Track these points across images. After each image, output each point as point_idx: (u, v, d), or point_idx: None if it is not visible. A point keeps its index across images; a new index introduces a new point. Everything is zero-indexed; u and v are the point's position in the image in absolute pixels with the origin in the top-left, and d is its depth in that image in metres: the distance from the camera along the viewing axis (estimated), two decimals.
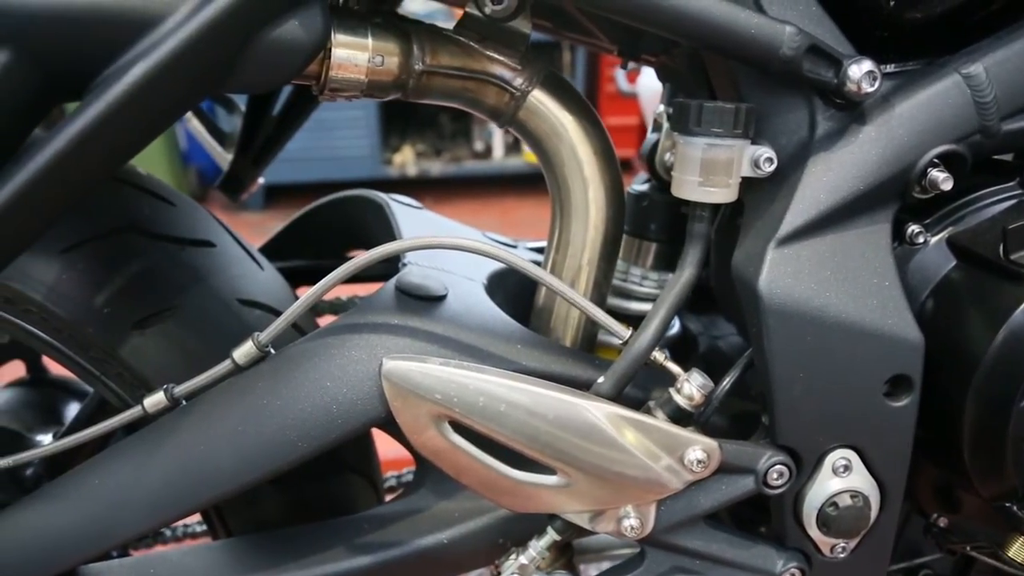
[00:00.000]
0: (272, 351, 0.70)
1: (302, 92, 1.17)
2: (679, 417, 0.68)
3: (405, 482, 1.39)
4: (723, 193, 0.68)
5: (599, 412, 0.65)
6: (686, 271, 0.70)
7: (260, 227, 0.92)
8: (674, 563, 0.73)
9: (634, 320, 0.95)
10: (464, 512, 0.75)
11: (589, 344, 0.82)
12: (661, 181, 0.91)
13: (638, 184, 0.96)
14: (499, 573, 0.74)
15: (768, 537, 0.76)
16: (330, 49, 0.66)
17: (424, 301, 0.72)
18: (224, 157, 1.24)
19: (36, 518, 0.73)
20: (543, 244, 1.03)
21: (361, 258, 0.67)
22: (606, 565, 1.02)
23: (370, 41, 0.67)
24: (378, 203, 0.98)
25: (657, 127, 0.94)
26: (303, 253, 1.12)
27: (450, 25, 0.72)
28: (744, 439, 0.72)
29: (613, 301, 0.96)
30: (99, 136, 0.53)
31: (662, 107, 0.93)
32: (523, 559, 0.72)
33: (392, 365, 0.64)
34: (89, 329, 0.76)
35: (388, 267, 0.80)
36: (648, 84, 3.20)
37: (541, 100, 0.74)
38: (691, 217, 0.71)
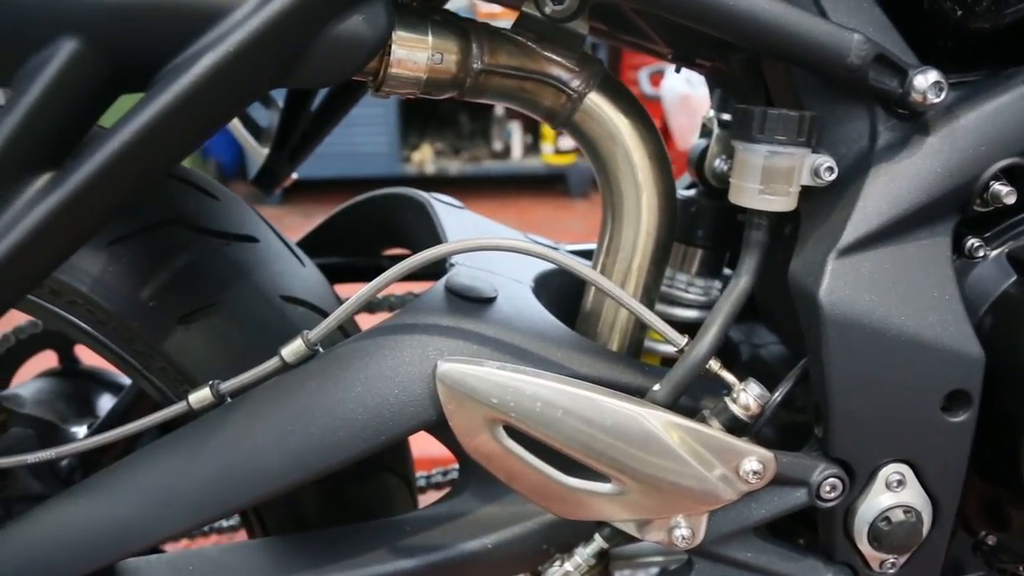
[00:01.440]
0: (320, 350, 0.70)
1: (342, 88, 1.16)
2: (734, 427, 0.67)
3: (435, 483, 1.39)
4: (783, 201, 0.67)
5: (656, 420, 0.64)
6: (742, 279, 0.69)
7: (277, 221, 0.92)
8: (721, 574, 0.72)
9: (678, 327, 0.95)
10: (508, 517, 0.74)
11: (636, 349, 0.81)
12: (709, 187, 0.90)
13: (684, 189, 0.96)
14: None
15: (814, 550, 0.75)
16: (390, 45, 0.65)
17: (474, 303, 0.71)
18: (259, 152, 1.24)
19: (79, 512, 0.73)
20: (582, 247, 1.03)
21: (415, 258, 0.66)
22: (640, 572, 1.01)
23: (430, 39, 0.67)
24: (420, 202, 0.97)
25: (706, 132, 0.93)
26: (339, 250, 1.11)
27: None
28: (789, 450, 0.71)
29: (658, 307, 0.95)
30: (164, 128, 0.52)
31: (712, 112, 0.92)
32: (568, 566, 0.72)
33: (447, 368, 0.64)
34: (134, 322, 0.75)
35: (432, 267, 0.79)
36: (672, 87, 3.18)
37: (597, 103, 0.73)
38: (749, 225, 0.70)
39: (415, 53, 0.66)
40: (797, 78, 0.68)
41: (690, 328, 0.93)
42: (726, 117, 0.90)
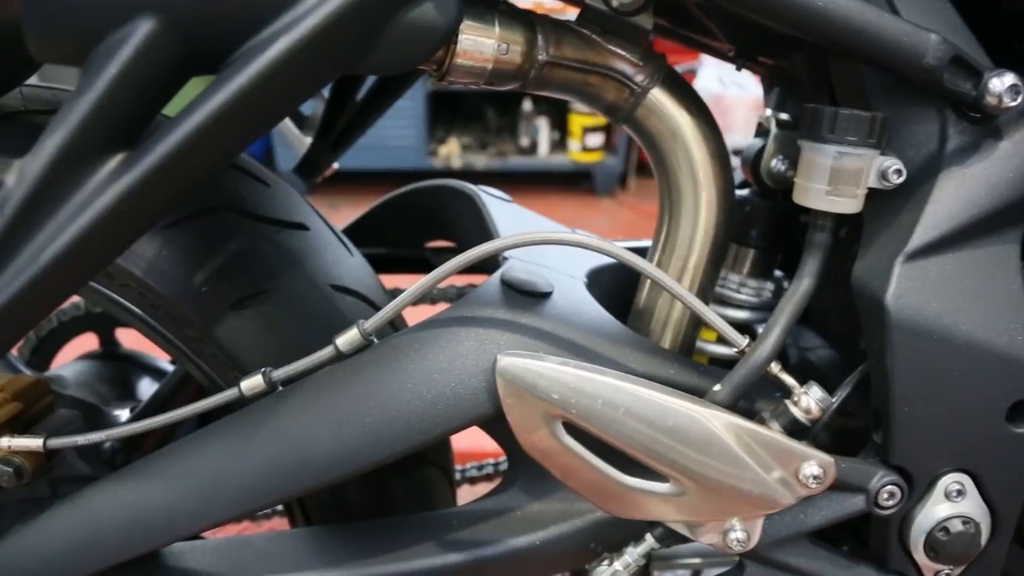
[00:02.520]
0: (375, 340, 0.69)
1: (390, 78, 1.16)
2: (793, 430, 0.66)
3: (470, 476, 1.39)
4: (849, 203, 0.66)
5: (718, 422, 0.63)
6: (805, 281, 0.68)
7: None
8: None
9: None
10: (557, 514, 0.74)
11: (688, 348, 0.80)
12: (764, 187, 0.89)
13: (736, 189, 0.94)
14: None
15: (866, 558, 0.74)
16: (457, 34, 0.64)
17: (531, 297, 0.71)
18: (302, 141, 1.24)
19: (128, 495, 0.73)
20: (633, 243, 1.02)
21: (477, 250, 0.65)
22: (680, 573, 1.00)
23: (497, 29, 0.66)
24: (468, 194, 0.97)
25: (762, 132, 0.91)
26: (383, 240, 1.11)
27: None
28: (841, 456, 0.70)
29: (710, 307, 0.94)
30: (236, 112, 0.52)
31: (769, 111, 0.91)
32: (618, 565, 0.71)
33: (508, 362, 0.63)
34: (186, 308, 0.75)
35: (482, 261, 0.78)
36: (704, 87, 3.16)
37: (660, 99, 0.72)
38: (813, 226, 0.69)
39: (482, 43, 0.66)
40: (866, 78, 0.67)
41: (740, 329, 0.93)
42: (784, 117, 0.89)
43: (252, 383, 0.69)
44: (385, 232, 1.11)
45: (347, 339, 0.67)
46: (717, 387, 0.66)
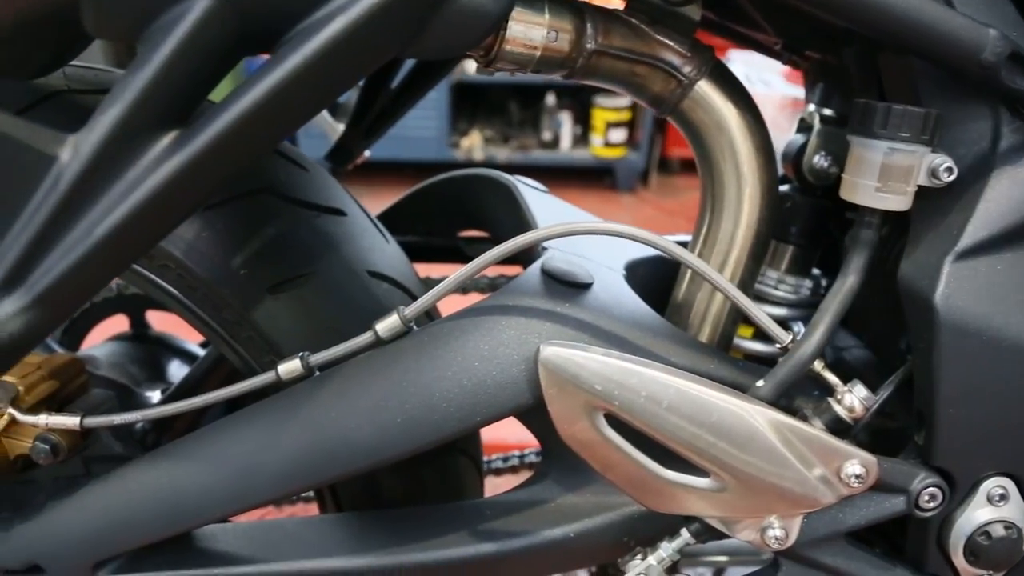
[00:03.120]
0: (415, 327, 0.69)
1: (423, 68, 1.16)
2: (835, 429, 0.65)
3: (495, 468, 1.38)
4: (898, 200, 0.65)
5: (762, 418, 0.62)
6: (850, 278, 0.67)
7: None
8: None
9: None
10: (590, 506, 0.73)
11: (726, 343, 0.79)
12: (805, 183, 0.88)
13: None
14: (623, 571, 0.73)
15: (902, 560, 0.73)
16: (507, 21, 0.64)
17: (572, 287, 0.70)
18: (335, 128, 1.24)
19: (163, 476, 0.73)
20: (673, 238, 1.01)
21: (521, 238, 0.64)
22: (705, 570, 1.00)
23: (547, 16, 0.65)
24: (505, 185, 0.96)
25: (803, 128, 0.91)
26: (414, 229, 1.11)
27: None
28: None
29: None
30: (290, 92, 0.51)
31: (812, 107, 0.90)
32: (652, 559, 0.71)
33: (551, 352, 0.62)
34: (225, 290, 0.74)
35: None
36: None
37: (707, 91, 0.72)
38: (859, 223, 0.68)
39: (531, 30, 0.65)
40: (918, 73, 0.66)
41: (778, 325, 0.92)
42: (828, 112, 0.88)
43: (289, 367, 0.68)
44: (418, 220, 1.10)
45: (387, 325, 0.67)
46: (760, 383, 0.65)
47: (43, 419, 0.74)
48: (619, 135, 4.96)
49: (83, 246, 0.49)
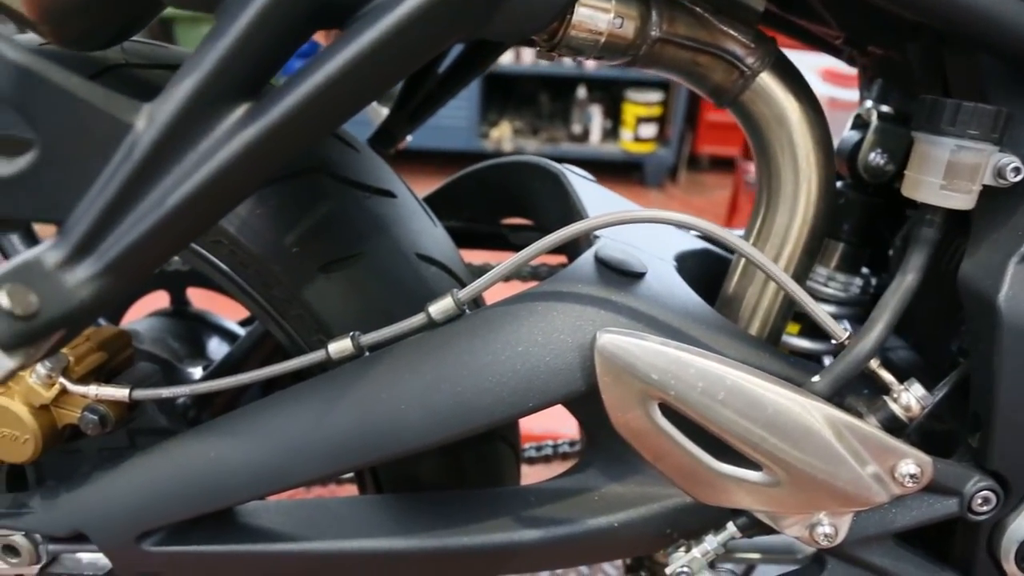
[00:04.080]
0: (467, 310, 0.68)
1: (471, 53, 1.15)
2: (890, 427, 0.65)
3: (528, 458, 1.38)
4: (962, 199, 0.64)
5: (818, 413, 0.62)
6: (909, 276, 0.66)
7: None
8: None
9: (812, 321, 0.93)
10: (634, 497, 0.73)
11: (775, 339, 0.79)
12: (858, 181, 0.87)
13: None
14: (665, 563, 0.72)
15: (951, 563, 0.72)
16: (574, 5, 0.63)
17: (625, 276, 0.70)
18: (378, 112, 1.23)
19: (208, 450, 0.73)
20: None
21: (579, 225, 0.64)
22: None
23: (613, 2, 0.65)
24: (553, 172, 0.96)
25: (859, 124, 0.90)
26: (458, 214, 1.10)
27: None
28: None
29: None
30: (362, 67, 0.51)
31: (869, 103, 0.89)
32: (696, 552, 0.70)
33: (608, 339, 0.62)
34: (276, 267, 0.75)
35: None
36: None
37: (768, 83, 0.71)
38: (920, 220, 0.67)
39: (597, 15, 0.65)
40: (986, 71, 0.65)
41: None
42: (886, 109, 0.87)
43: (340, 346, 0.68)
44: (462, 206, 1.10)
45: (440, 308, 0.67)
46: (816, 378, 0.65)
47: (93, 390, 0.75)
48: (649, 130, 4.94)
49: (155, 215, 0.49)
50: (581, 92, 5.02)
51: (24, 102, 0.48)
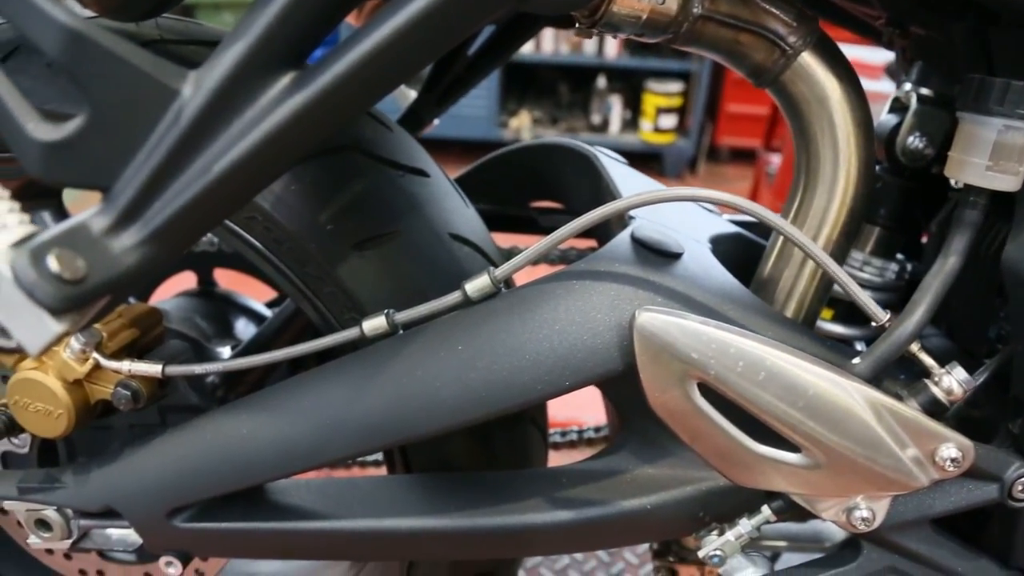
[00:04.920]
0: (503, 289, 0.68)
1: (499, 36, 1.15)
2: (930, 411, 0.64)
3: (553, 443, 1.38)
4: (1008, 180, 0.63)
5: (859, 395, 0.61)
6: (951, 259, 0.66)
7: None
8: (890, 563, 0.69)
9: (847, 306, 0.92)
10: (667, 480, 0.72)
11: (810, 323, 0.78)
12: (896, 165, 0.86)
13: None
14: (698, 546, 0.72)
15: (988, 550, 0.72)
16: None
17: (663, 256, 0.69)
18: (406, 95, 1.23)
19: (240, 427, 0.73)
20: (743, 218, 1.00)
21: (621, 202, 0.64)
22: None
23: None
24: (585, 155, 0.95)
25: (897, 107, 0.89)
26: (487, 196, 1.10)
27: None
28: None
29: None
30: (408, 38, 0.50)
31: (908, 86, 0.88)
32: (730, 535, 0.70)
33: (648, 317, 0.61)
34: (311, 244, 0.74)
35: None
36: None
37: (809, 63, 0.70)
38: (963, 202, 0.66)
39: None
40: None
41: (859, 309, 0.91)
42: (926, 92, 0.86)
43: (374, 324, 0.68)
44: (490, 189, 1.10)
45: (476, 286, 0.66)
46: (856, 360, 0.64)
47: (126, 365, 0.75)
48: (669, 121, 4.92)
49: (200, 183, 0.49)
50: (601, 82, 5.00)
51: (77, 66, 0.47)
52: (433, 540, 0.74)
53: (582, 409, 1.75)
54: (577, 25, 0.69)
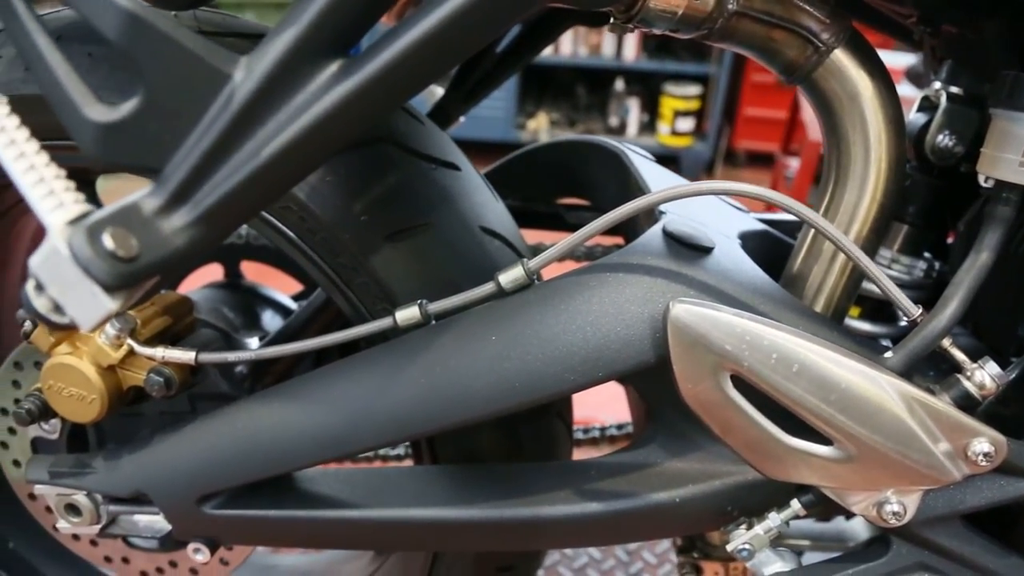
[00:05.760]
0: (536, 280, 0.69)
1: (527, 34, 1.15)
2: (962, 406, 0.64)
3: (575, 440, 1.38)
4: None
5: (892, 388, 0.61)
6: (983, 254, 0.66)
7: None
8: (920, 559, 0.69)
9: (875, 304, 0.92)
10: (696, 473, 0.73)
11: (839, 319, 0.78)
12: (924, 163, 0.87)
13: None
14: (724, 541, 0.72)
15: (1018, 547, 0.71)
16: None
17: (694, 250, 0.69)
18: (433, 91, 1.24)
19: (273, 415, 0.74)
20: (773, 216, 1.00)
21: (651, 196, 0.64)
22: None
23: None
24: (614, 152, 0.96)
25: (926, 106, 0.89)
26: (513, 193, 1.10)
27: None
28: None
29: None
30: (453, 27, 0.51)
31: (937, 84, 0.89)
32: (759, 528, 0.70)
33: (682, 309, 0.62)
34: (345, 235, 0.75)
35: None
36: None
37: (842, 60, 0.70)
38: (995, 199, 0.67)
39: None
40: None
41: (886, 307, 0.91)
42: (956, 90, 0.86)
43: (407, 314, 0.69)
44: (518, 184, 1.10)
45: (510, 277, 0.67)
46: (889, 354, 0.64)
47: (160, 352, 0.76)
48: (687, 124, 4.91)
49: (249, 166, 0.50)
50: (619, 85, 5.00)
51: (135, 48, 0.48)
52: (462, 531, 0.75)
53: (599, 409, 1.75)
54: (612, 21, 0.69)
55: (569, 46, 4.84)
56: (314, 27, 0.49)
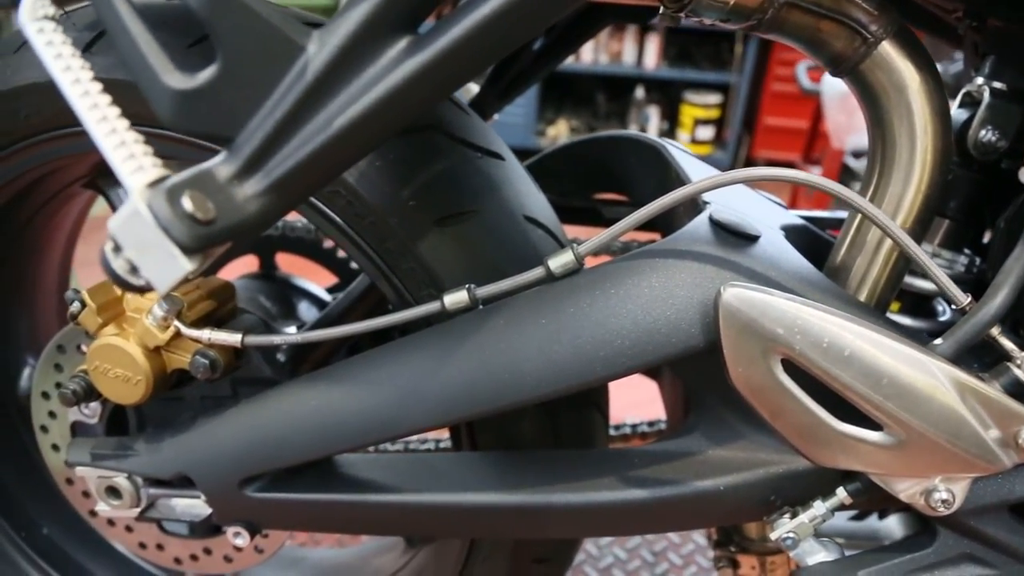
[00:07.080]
0: (585, 265, 0.69)
1: (565, 32, 1.16)
2: (1012, 393, 0.64)
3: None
4: None
5: (943, 374, 0.61)
6: None
7: None
8: (966, 549, 0.69)
9: (915, 297, 0.92)
10: (739, 462, 0.73)
11: (883, 309, 0.78)
12: (967, 159, 0.87)
13: None
14: (762, 534, 0.72)
15: None
16: None
17: (741, 238, 0.70)
18: (468, 89, 1.25)
19: (318, 398, 0.74)
20: (814, 213, 1.00)
21: (691, 186, 0.65)
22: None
23: None
24: (653, 146, 0.96)
25: (968, 102, 0.89)
26: (550, 188, 1.11)
27: None
28: None
29: None
30: (513, 10, 0.52)
31: (980, 80, 0.89)
32: (804, 517, 0.70)
33: (734, 293, 0.62)
34: (393, 219, 0.76)
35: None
36: (833, 83, 3.10)
37: (889, 52, 0.70)
38: None
39: None
40: None
41: (927, 301, 0.91)
42: (999, 86, 0.86)
43: (455, 298, 0.69)
44: (555, 179, 1.11)
45: (559, 261, 0.68)
46: (939, 341, 0.65)
47: (206, 334, 0.76)
48: (707, 132, 4.92)
49: (320, 138, 0.51)
50: (639, 92, 5.01)
51: (215, 17, 0.49)
52: (505, 516, 0.75)
53: (625, 411, 1.75)
54: (662, 11, 0.70)
55: (590, 54, 4.85)
56: (386, 3, 0.50)
